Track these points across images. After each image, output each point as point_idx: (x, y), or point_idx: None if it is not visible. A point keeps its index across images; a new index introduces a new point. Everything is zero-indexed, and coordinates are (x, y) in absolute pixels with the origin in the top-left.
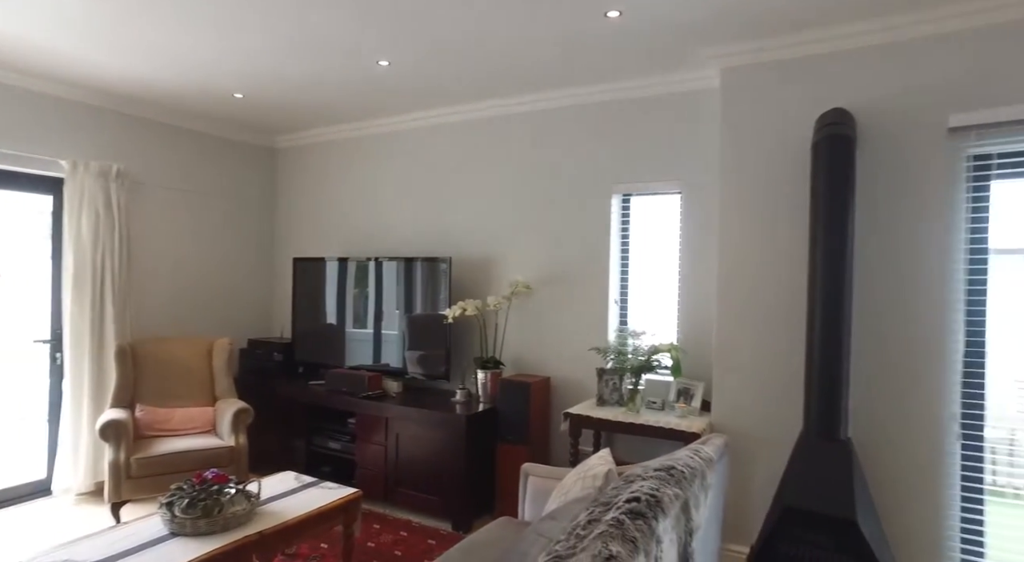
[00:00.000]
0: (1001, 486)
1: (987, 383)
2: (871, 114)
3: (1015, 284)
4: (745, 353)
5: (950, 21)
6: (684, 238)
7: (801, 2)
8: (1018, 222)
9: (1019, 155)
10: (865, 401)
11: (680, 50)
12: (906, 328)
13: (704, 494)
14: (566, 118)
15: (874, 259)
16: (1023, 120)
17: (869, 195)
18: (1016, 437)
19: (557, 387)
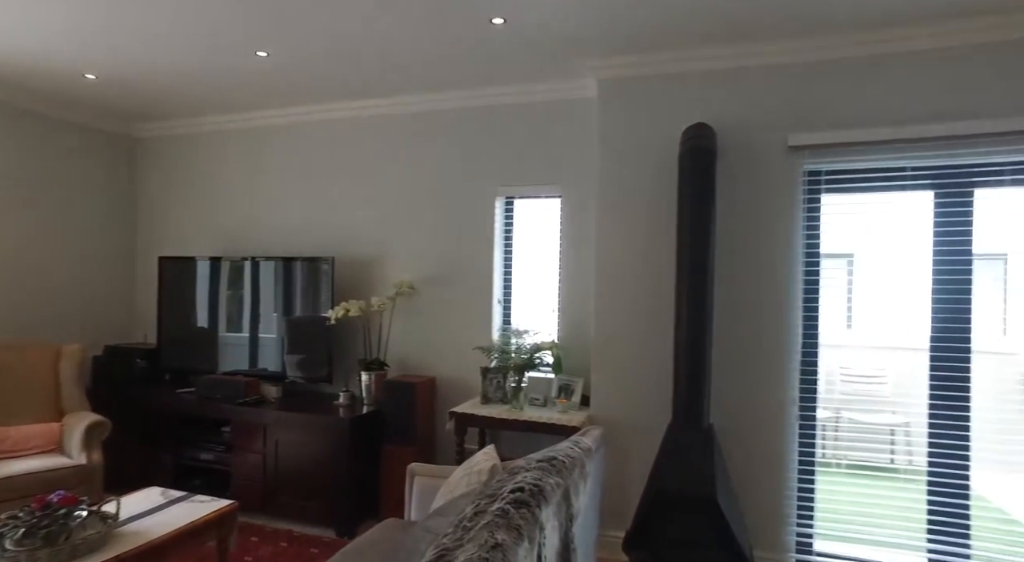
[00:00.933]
0: (828, 459)
1: (819, 371)
2: (728, 129)
3: (840, 284)
4: (620, 350)
5: (788, 54)
6: (564, 240)
7: (669, 25)
8: (841, 230)
9: (842, 172)
10: (725, 391)
11: (562, 60)
12: (757, 325)
13: (583, 482)
14: (453, 120)
15: (732, 262)
16: (845, 143)
17: (728, 203)
18: (841, 416)
19: (442, 387)
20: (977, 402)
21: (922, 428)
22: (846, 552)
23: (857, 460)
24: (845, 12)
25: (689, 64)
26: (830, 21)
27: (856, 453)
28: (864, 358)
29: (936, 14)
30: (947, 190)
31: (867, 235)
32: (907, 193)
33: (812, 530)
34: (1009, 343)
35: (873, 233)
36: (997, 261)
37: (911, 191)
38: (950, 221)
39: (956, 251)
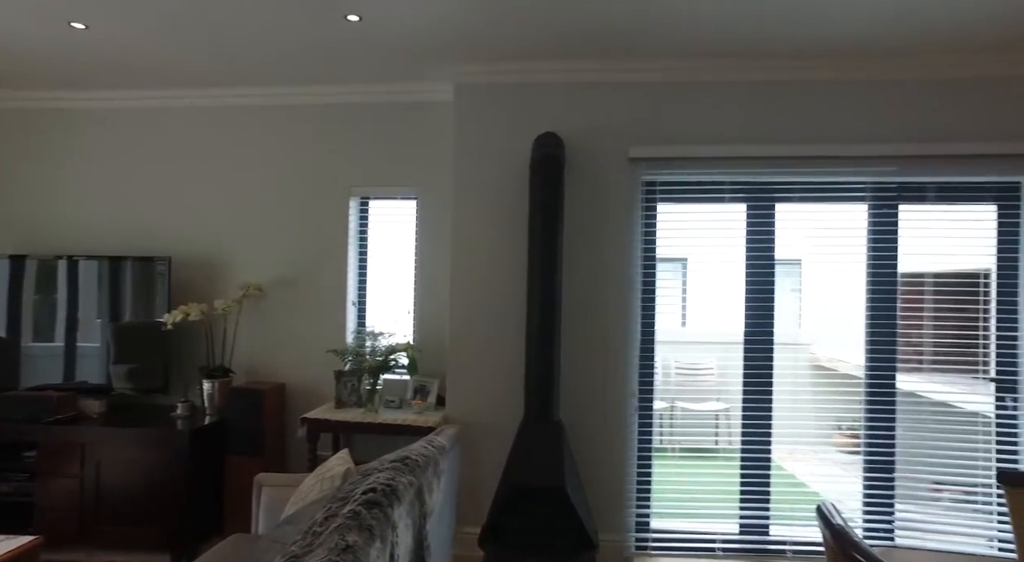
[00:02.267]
0: (664, 445)
1: (657, 366)
2: (576, 139)
3: (676, 285)
4: (475, 350)
5: (631, 73)
6: (420, 241)
7: (524, 37)
8: (675, 237)
9: (674, 184)
10: (572, 387)
11: (419, 62)
12: (602, 324)
13: (437, 480)
14: (306, 116)
15: (579, 265)
16: (676, 157)
17: (576, 209)
18: (675, 406)
19: (293, 392)
20: (777, 387)
21: (738, 412)
22: (677, 526)
23: (689, 444)
24: (682, 40)
25: (542, 75)
26: (668, 47)
27: (688, 438)
28: (695, 353)
29: (753, 52)
30: (756, 204)
31: (696, 242)
32: (726, 205)
33: (649, 510)
34: (802, 335)
35: (701, 240)
36: (794, 266)
37: (729, 203)
38: (758, 231)
39: (762, 257)
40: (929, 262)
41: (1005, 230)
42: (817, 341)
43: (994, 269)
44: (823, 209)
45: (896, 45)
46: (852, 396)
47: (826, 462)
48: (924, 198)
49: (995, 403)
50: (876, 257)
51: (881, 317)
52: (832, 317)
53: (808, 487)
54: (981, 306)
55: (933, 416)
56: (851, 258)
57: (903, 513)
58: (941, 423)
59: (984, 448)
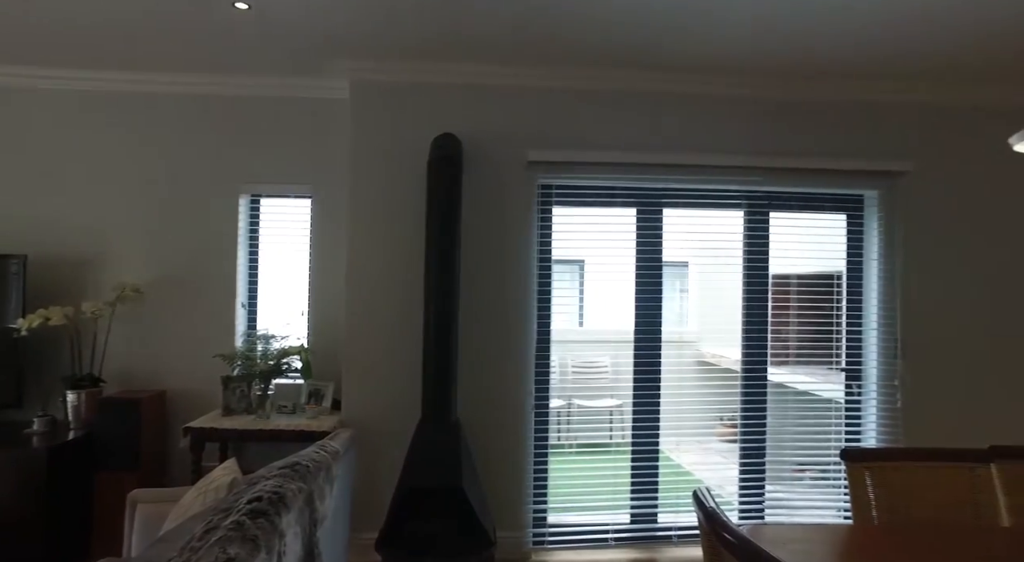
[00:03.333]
0: (562, 441)
1: (555, 364)
2: (474, 141)
3: (573, 286)
4: (372, 352)
5: (528, 78)
6: (315, 242)
7: (422, 37)
8: (572, 239)
9: (570, 187)
10: (471, 387)
11: (313, 56)
12: (499, 324)
13: (330, 485)
14: (191, 107)
15: (477, 266)
16: (570, 161)
17: (474, 210)
18: (572, 403)
19: (176, 401)
20: (665, 383)
21: (629, 408)
22: (573, 520)
23: (585, 440)
24: (579, 49)
25: (441, 76)
26: (566, 55)
27: (584, 434)
28: (591, 351)
29: (645, 64)
30: (645, 208)
31: (592, 244)
32: (618, 209)
33: (546, 506)
34: (689, 333)
35: (596, 242)
36: (682, 268)
37: (620, 207)
38: (647, 234)
39: (651, 259)
40: (794, 265)
41: (853, 237)
42: (702, 339)
43: (844, 271)
44: (706, 214)
45: (767, 67)
46: (731, 389)
47: (709, 451)
48: (789, 206)
49: (844, 390)
50: (751, 260)
51: (755, 315)
52: (715, 316)
53: (693, 475)
54: (834, 304)
55: (797, 404)
56: (731, 261)
57: (772, 493)
58: (803, 410)
59: (836, 430)
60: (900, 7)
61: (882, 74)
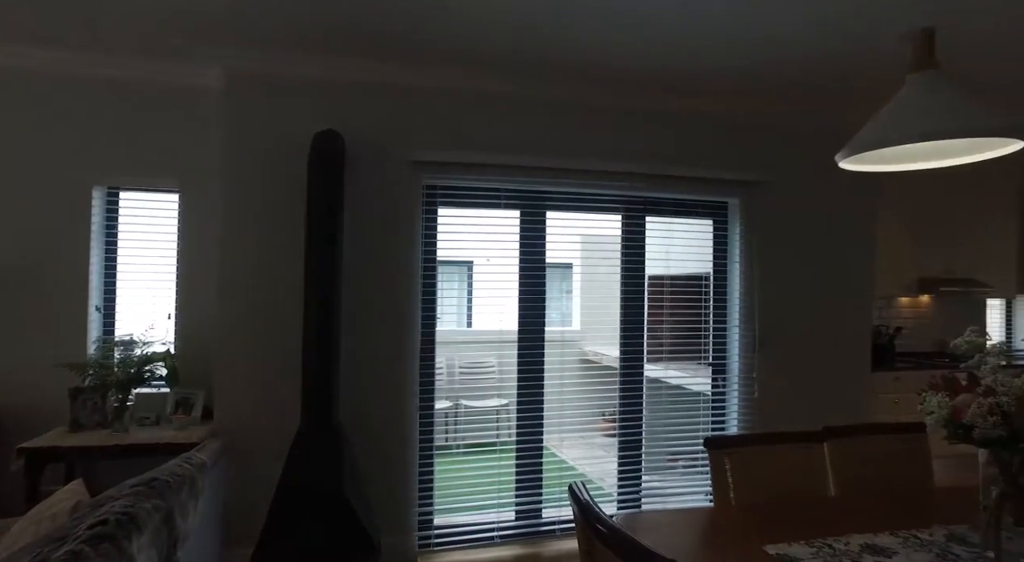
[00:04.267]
0: (449, 442)
1: (442, 365)
2: (358, 138)
3: (462, 287)
4: (247, 356)
5: (415, 77)
6: (183, 240)
7: (299, 27)
8: (460, 240)
9: (455, 188)
10: (354, 389)
11: (184, 39)
12: (384, 325)
13: (194, 501)
14: (33, 89)
15: (361, 266)
16: (456, 163)
17: (357, 210)
18: (459, 404)
19: (8, 419)
20: (548, 381)
21: (514, 407)
22: (459, 520)
23: (472, 440)
24: (467, 52)
25: (323, 70)
26: (453, 56)
27: (471, 435)
28: (479, 352)
29: (529, 70)
30: (529, 210)
31: (478, 245)
32: (503, 210)
33: (432, 508)
34: (571, 332)
35: (482, 243)
36: (566, 269)
37: (505, 209)
38: (531, 236)
39: (535, 260)
40: (668, 267)
41: (719, 241)
42: (584, 337)
43: (711, 273)
44: (587, 217)
45: (642, 79)
46: (612, 385)
47: (592, 446)
48: (663, 211)
49: (711, 384)
50: (628, 262)
51: (632, 315)
52: (596, 315)
53: (576, 470)
54: (703, 304)
55: (671, 398)
56: (611, 262)
57: (648, 482)
58: (676, 403)
59: (704, 421)
60: (750, 39)
61: (740, 93)
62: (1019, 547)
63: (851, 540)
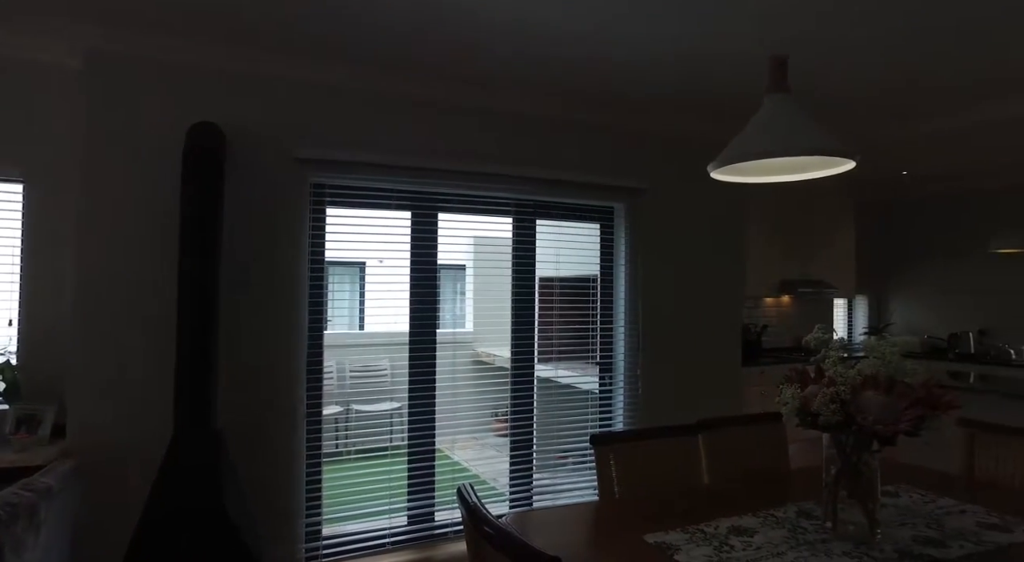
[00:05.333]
0: (340, 449)
1: (332, 369)
2: (240, 132)
3: (354, 289)
4: (110, 363)
5: (303, 71)
6: (29, 234)
7: (172, 6)
8: (351, 241)
9: (344, 188)
10: (236, 396)
11: (31, 10)
12: (268, 330)
13: (34, 532)
14: None
15: (242, 269)
16: (344, 161)
17: (238, 207)
18: (350, 409)
19: None
20: (440, 383)
21: (407, 410)
22: (350, 529)
23: (364, 446)
24: (356, 48)
25: (200, 57)
26: (342, 51)
27: (363, 440)
28: (372, 354)
29: (421, 72)
30: (420, 211)
31: (370, 246)
32: (395, 211)
33: (321, 518)
34: (464, 334)
35: (374, 244)
36: (459, 270)
37: (397, 210)
38: (423, 237)
39: (427, 262)
40: (557, 269)
41: (605, 244)
42: (477, 339)
43: (599, 275)
44: (479, 219)
45: (531, 84)
46: (504, 386)
47: (485, 446)
48: (554, 215)
49: (599, 382)
50: (519, 264)
51: (523, 316)
52: (489, 317)
53: (470, 471)
54: (591, 305)
55: (561, 397)
56: (502, 264)
57: (539, 480)
58: (566, 402)
59: (592, 419)
60: (633, 55)
61: (623, 102)
62: (851, 517)
63: (720, 524)
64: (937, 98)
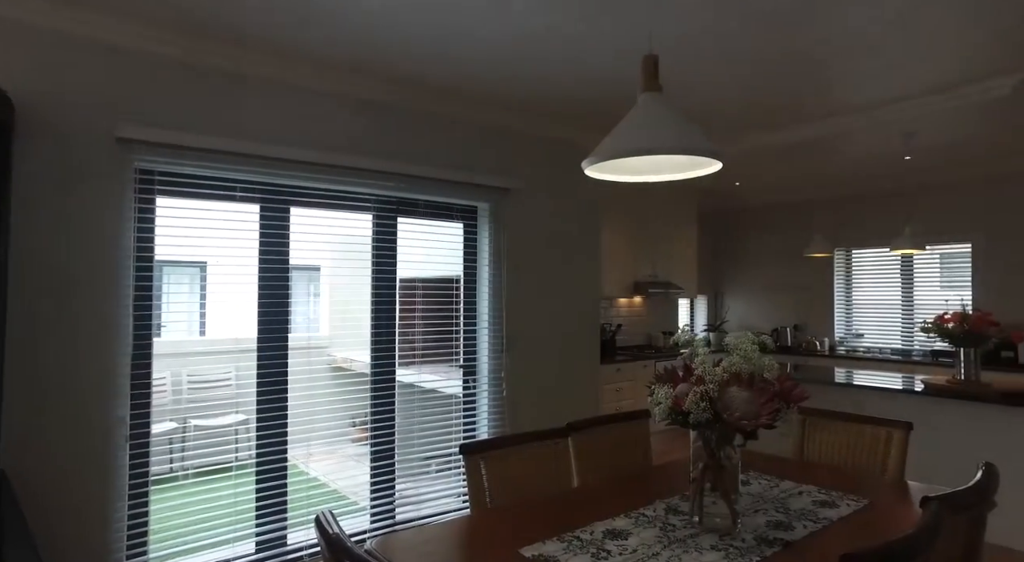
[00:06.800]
0: (176, 471)
1: (159, 380)
2: (36, 101)
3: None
4: None
5: (125, 36)
6: None
7: None
8: (185, 236)
9: (179, 176)
10: (27, 423)
11: None
12: (76, 339)
13: None
14: None
15: (38, 265)
16: (179, 145)
17: (36, 193)
18: (188, 425)
19: None
20: (293, 392)
21: (255, 422)
22: None
23: (205, 465)
24: (195, 16)
25: None
26: (177, 18)
27: (204, 459)
28: (214, 363)
29: (274, 50)
30: (270, 206)
31: (212, 243)
32: (241, 205)
33: (147, 553)
34: (320, 338)
35: (217, 241)
36: (314, 271)
37: (244, 203)
38: (273, 234)
39: (278, 261)
40: (420, 269)
41: (469, 244)
42: (334, 343)
43: (462, 276)
44: (336, 216)
45: (399, 75)
46: (363, 392)
47: (343, 458)
48: (416, 213)
49: (463, 385)
50: (380, 263)
51: (384, 318)
52: (347, 320)
53: (328, 487)
54: (454, 307)
55: (424, 402)
56: (362, 264)
57: (402, 490)
58: (430, 407)
59: (456, 423)
60: (505, 54)
61: (492, 101)
62: (717, 510)
63: (595, 528)
64: (769, 117)
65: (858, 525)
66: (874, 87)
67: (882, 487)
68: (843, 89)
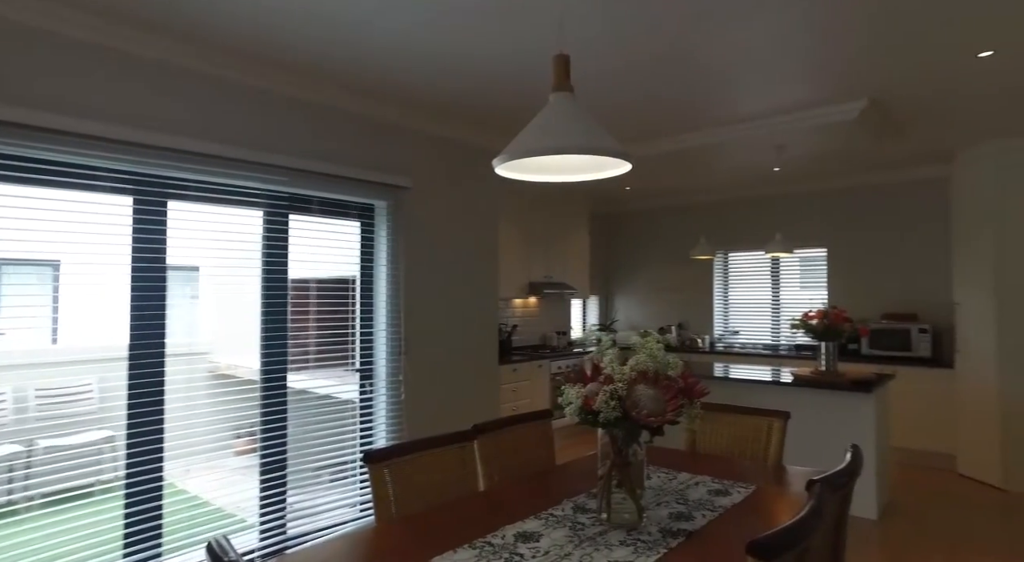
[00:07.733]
0: (20, 501)
1: (6, 397)
2: None
3: (44, 293)
4: None
5: None
6: None
7: None
8: (33, 231)
9: (25, 160)
10: None
11: None
12: None
13: None
14: None
15: None
16: (24, 124)
17: None
18: (35, 446)
19: None
20: (170, 402)
21: (123, 439)
22: None
23: (60, 491)
24: None
25: None
26: None
27: (58, 484)
28: (70, 374)
29: (151, 25)
30: (145, 198)
31: (70, 239)
32: (107, 195)
33: None
34: (200, 344)
35: (76, 237)
36: (191, 273)
37: (111, 194)
38: (147, 230)
39: (153, 259)
40: (314, 269)
41: (366, 243)
42: (217, 349)
43: (358, 276)
44: (223, 211)
45: (293, 64)
46: (251, 400)
47: (226, 470)
48: (310, 210)
49: (359, 390)
50: (269, 263)
51: (274, 321)
52: (232, 323)
53: (210, 504)
54: (350, 308)
55: (318, 408)
56: (248, 264)
57: (293, 503)
58: (324, 414)
59: (352, 429)
60: (411, 50)
61: (392, 98)
62: (624, 506)
63: (506, 532)
64: (662, 124)
65: (750, 510)
66: (754, 101)
67: (766, 473)
68: (727, 102)
